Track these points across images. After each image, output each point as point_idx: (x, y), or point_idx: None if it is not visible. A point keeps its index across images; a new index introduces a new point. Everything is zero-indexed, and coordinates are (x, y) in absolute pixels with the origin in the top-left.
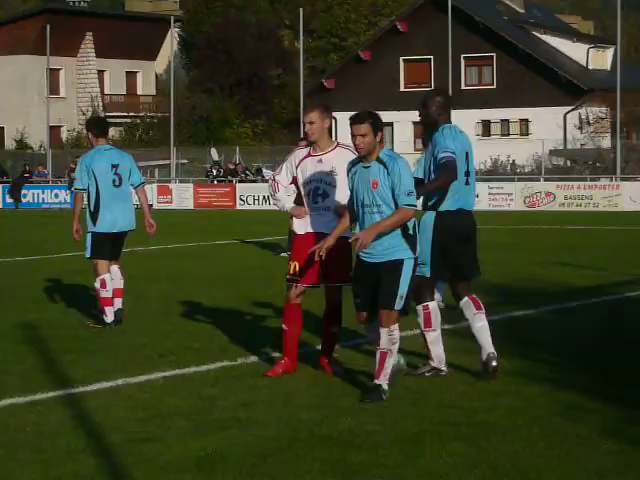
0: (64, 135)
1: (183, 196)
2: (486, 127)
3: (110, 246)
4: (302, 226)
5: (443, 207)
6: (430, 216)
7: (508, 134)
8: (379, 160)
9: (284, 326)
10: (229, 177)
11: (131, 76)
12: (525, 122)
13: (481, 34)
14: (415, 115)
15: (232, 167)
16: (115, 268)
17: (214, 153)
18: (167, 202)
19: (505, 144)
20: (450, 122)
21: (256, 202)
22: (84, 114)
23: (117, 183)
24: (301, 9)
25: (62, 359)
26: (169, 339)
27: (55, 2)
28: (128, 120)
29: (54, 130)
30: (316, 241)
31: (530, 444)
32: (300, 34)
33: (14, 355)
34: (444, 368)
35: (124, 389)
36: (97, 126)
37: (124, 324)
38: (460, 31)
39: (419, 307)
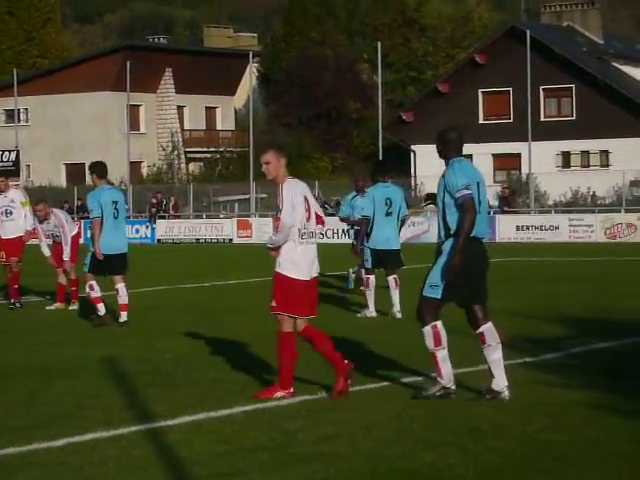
0: (144, 170)
1: (263, 230)
2: (566, 159)
3: (106, 265)
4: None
5: None
6: (449, 243)
7: (588, 165)
8: None
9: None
10: None
11: (210, 111)
12: (605, 153)
13: (560, 65)
14: (495, 147)
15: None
16: (122, 286)
17: None
18: (247, 236)
19: (585, 175)
20: (461, 156)
21: (335, 236)
22: (164, 150)
23: (116, 215)
24: (379, 43)
25: (144, 393)
26: (249, 372)
27: (135, 39)
28: (208, 155)
29: (134, 166)
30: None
31: (616, 479)
32: (378, 67)
33: (96, 389)
34: (453, 387)
35: (206, 423)
36: (101, 169)
37: (204, 357)
38: (539, 63)
39: (427, 328)
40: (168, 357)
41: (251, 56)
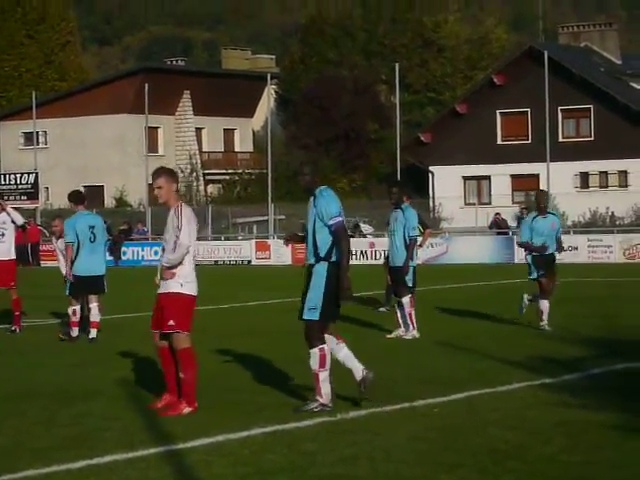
0: None
1: (281, 252)
2: (584, 179)
3: (83, 286)
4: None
5: (333, 258)
6: (323, 266)
7: (607, 186)
8: None
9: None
10: None
11: (229, 133)
12: (624, 173)
13: (578, 86)
14: (513, 168)
15: None
16: (95, 305)
17: None
18: (265, 258)
19: (604, 196)
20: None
21: (353, 257)
22: (182, 172)
23: (92, 239)
24: (397, 64)
25: (162, 415)
26: (268, 394)
27: (153, 61)
28: (226, 177)
29: (153, 188)
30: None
31: None
32: (396, 88)
33: (115, 411)
34: (331, 405)
35: (225, 445)
36: (75, 198)
37: (223, 379)
38: (557, 83)
39: (315, 350)
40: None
41: (269, 78)
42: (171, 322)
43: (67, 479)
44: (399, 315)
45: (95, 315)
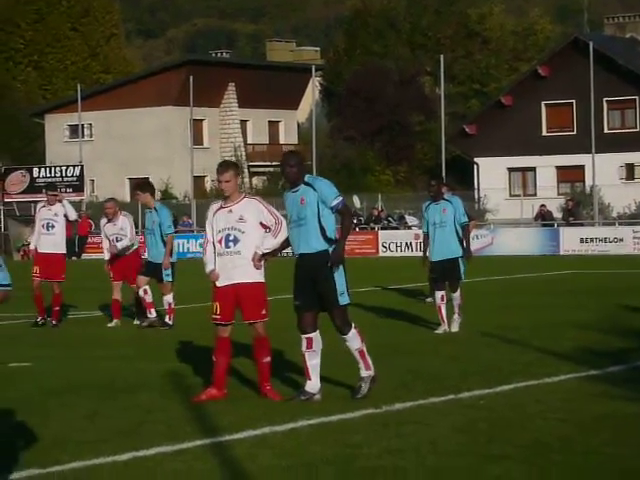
0: (208, 185)
1: None
2: (630, 170)
3: (154, 273)
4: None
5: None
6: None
7: None
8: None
9: (214, 357)
10: (371, 224)
11: (273, 125)
12: None
13: (623, 77)
14: (558, 159)
15: (376, 213)
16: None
17: (356, 200)
18: None
19: None
20: None
21: (398, 249)
22: None
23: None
24: (442, 55)
25: (208, 407)
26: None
27: (198, 53)
28: (271, 169)
29: (198, 180)
30: (229, 290)
31: None
32: (441, 80)
33: (161, 403)
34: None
35: (270, 437)
36: (152, 188)
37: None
38: (602, 74)
39: (353, 331)
40: (235, 370)
41: (314, 70)
42: (263, 311)
43: (113, 471)
44: (443, 309)
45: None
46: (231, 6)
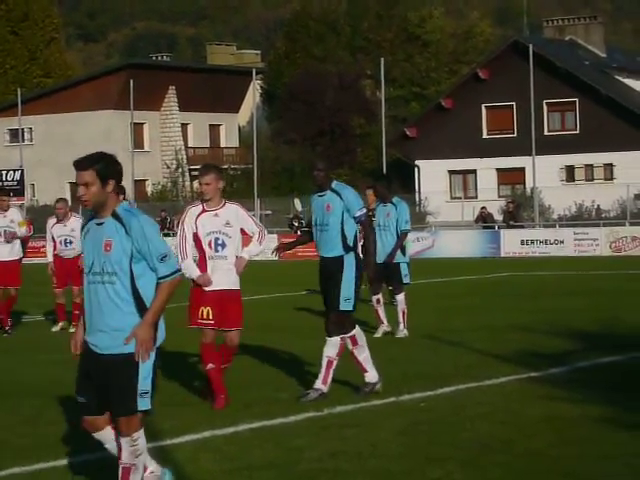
0: (149, 189)
1: (267, 247)
2: (570, 173)
3: None
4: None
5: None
6: (352, 257)
7: (592, 179)
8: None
9: (206, 366)
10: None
11: (214, 128)
12: (609, 166)
13: (563, 79)
14: (499, 162)
15: None
16: None
17: (298, 204)
18: None
19: (589, 189)
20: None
21: None
22: (168, 167)
23: None
24: (382, 59)
25: None
26: (256, 390)
27: (138, 57)
28: None
29: (139, 184)
30: (218, 295)
31: None
32: (381, 83)
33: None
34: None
35: (211, 441)
36: (122, 188)
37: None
38: (542, 77)
39: (350, 334)
40: (176, 375)
41: (254, 73)
42: (241, 319)
43: (52, 477)
44: (380, 312)
45: None
46: (171, 9)
